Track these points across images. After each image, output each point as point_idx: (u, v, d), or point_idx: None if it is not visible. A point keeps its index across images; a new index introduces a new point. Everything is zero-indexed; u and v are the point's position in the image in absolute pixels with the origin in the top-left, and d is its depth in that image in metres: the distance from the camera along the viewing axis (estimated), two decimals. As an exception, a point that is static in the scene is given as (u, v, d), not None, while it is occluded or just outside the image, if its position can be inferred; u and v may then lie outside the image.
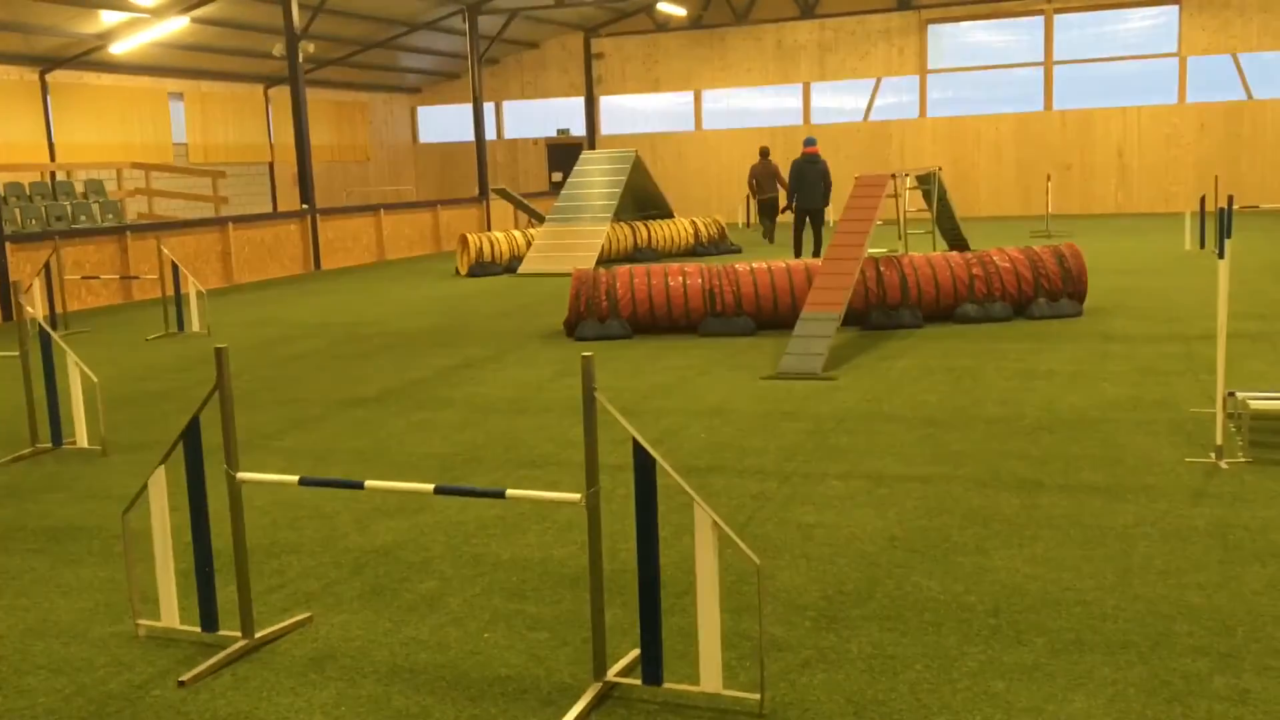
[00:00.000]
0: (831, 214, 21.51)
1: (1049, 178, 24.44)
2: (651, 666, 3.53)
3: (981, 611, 4.12)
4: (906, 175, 13.15)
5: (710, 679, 3.46)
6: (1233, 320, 9.95)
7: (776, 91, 29.52)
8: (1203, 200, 16.88)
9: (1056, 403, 7.40)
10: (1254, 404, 6.12)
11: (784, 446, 6.60)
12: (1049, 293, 10.98)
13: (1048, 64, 27.14)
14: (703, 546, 3.43)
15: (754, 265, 11.10)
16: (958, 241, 14.71)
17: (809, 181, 16.84)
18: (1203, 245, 16.94)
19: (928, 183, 14.21)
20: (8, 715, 3.62)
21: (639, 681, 3.59)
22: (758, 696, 3.45)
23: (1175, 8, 25.97)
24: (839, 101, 29.05)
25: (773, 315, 10.87)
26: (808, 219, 17.17)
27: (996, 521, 5.10)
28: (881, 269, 10.91)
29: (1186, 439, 6.35)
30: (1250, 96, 25.75)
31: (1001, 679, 3.59)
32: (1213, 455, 5.92)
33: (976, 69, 27.75)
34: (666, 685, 3.57)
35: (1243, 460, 5.86)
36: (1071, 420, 6.92)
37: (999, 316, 10.84)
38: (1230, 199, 7.27)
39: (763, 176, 21.33)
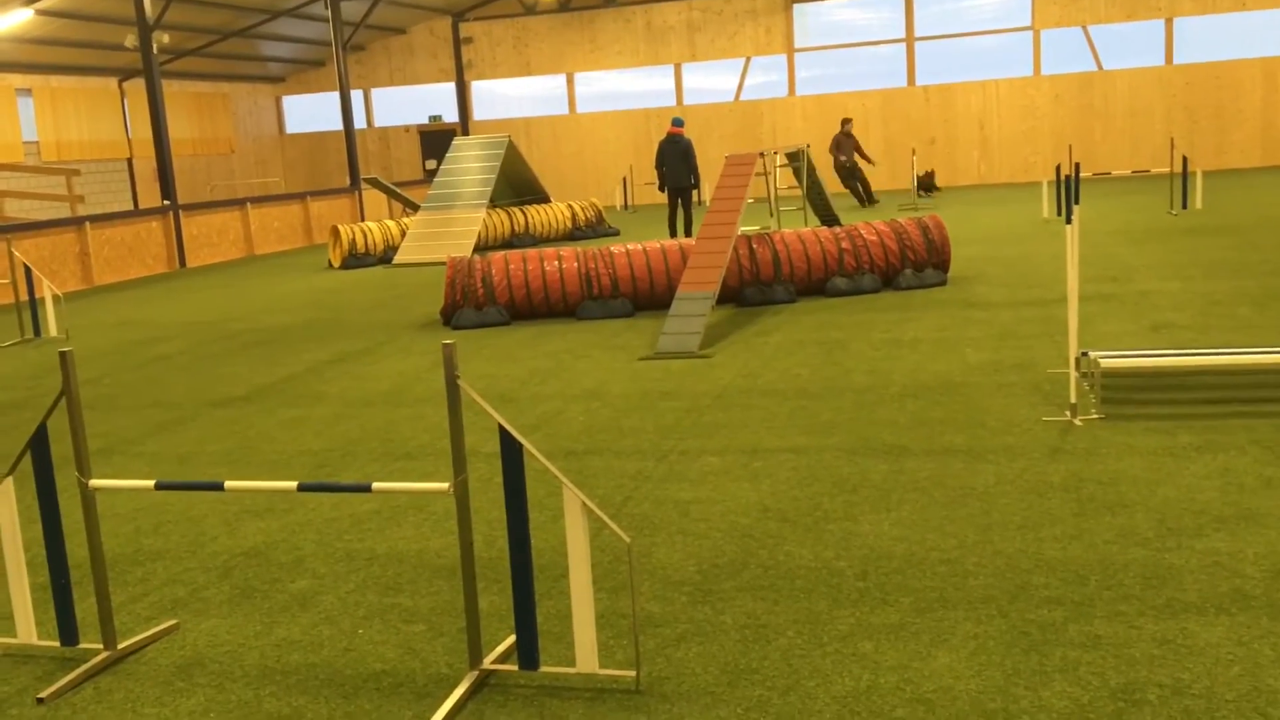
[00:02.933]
0: (703, 194, 21.83)
1: (914, 151, 25.08)
2: (527, 652, 3.53)
3: (850, 576, 4.23)
4: (776, 153, 13.34)
5: (586, 659, 3.48)
6: (1086, 283, 10.40)
7: (648, 73, 29.62)
8: (1059, 169, 17.53)
9: (921, 370, 7.62)
10: (1105, 363, 6.40)
11: (661, 425, 6.66)
12: (915, 264, 11.28)
13: (909, 40, 27.80)
14: (573, 528, 3.43)
15: (629, 247, 11.14)
16: (828, 217, 15.00)
17: (670, 161, 16.90)
18: (1060, 213, 17.60)
19: (797, 160, 14.45)
20: None
21: (515, 668, 3.59)
22: (633, 673, 3.48)
23: (1027, -17, 26.85)
24: (710, 82, 29.30)
25: (650, 296, 10.93)
26: (678, 199, 17.25)
27: (865, 488, 5.23)
28: (754, 246, 11.06)
29: (1044, 399, 6.61)
30: (1101, 68, 26.81)
31: (869, 640, 3.69)
32: (1068, 413, 6.17)
33: (841, 46, 28.28)
34: (543, 669, 3.57)
35: (1095, 417, 6.12)
36: (935, 386, 7.13)
37: (868, 289, 11.10)
38: (1077, 167, 7.57)
39: (844, 145, 22.73)
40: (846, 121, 23.56)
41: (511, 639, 3.77)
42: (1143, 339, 8.08)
